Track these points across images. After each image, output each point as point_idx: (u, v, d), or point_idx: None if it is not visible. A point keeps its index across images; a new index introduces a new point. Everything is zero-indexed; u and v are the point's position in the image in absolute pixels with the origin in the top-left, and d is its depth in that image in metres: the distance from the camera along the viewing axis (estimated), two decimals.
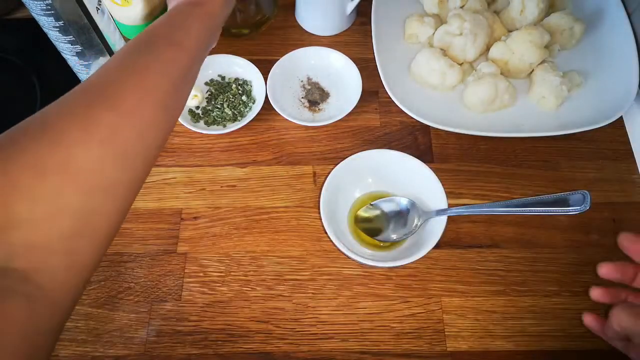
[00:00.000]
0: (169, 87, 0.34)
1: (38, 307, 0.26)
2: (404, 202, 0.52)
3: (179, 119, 0.58)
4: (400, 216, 0.52)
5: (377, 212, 0.53)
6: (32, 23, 0.43)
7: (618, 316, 0.33)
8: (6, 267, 0.25)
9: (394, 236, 0.52)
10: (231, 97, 0.61)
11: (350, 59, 0.61)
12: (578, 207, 0.37)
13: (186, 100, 0.38)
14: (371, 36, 0.63)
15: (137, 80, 0.32)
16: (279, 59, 0.61)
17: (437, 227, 0.49)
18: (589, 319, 0.38)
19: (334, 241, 0.48)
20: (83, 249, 0.28)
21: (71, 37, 0.44)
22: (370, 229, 0.53)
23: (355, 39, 0.67)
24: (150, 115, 0.32)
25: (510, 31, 0.64)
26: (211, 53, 0.61)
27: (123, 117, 0.30)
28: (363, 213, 0.53)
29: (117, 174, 0.30)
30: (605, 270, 0.37)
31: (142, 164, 0.32)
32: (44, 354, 0.26)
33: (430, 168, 0.51)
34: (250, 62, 0.61)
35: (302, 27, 0.68)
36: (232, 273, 0.52)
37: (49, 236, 0.26)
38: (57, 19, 0.41)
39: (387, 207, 0.53)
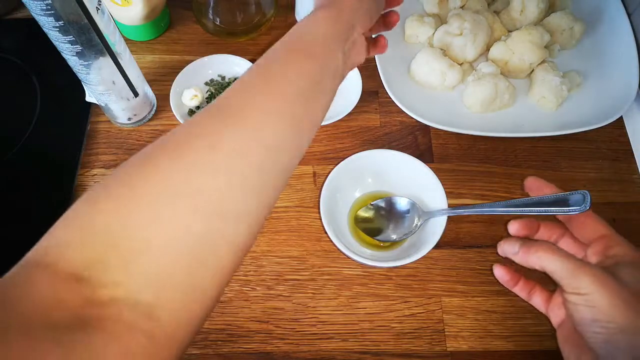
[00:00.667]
0: (295, 96, 0.31)
1: (158, 347, 0.24)
2: (404, 202, 0.52)
3: (179, 119, 0.58)
4: (400, 216, 0.52)
5: (377, 212, 0.53)
6: (32, 23, 0.43)
7: (540, 255, 0.34)
8: (136, 299, 0.23)
9: (394, 236, 0.52)
10: None
11: None
12: (578, 207, 0.37)
13: (321, 116, 0.35)
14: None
15: (260, 93, 0.30)
16: None
17: (437, 227, 0.49)
18: (499, 272, 0.40)
19: (334, 241, 0.48)
20: (204, 281, 0.26)
21: (71, 37, 0.44)
22: (370, 229, 0.53)
23: None
24: (278, 129, 0.30)
25: (510, 31, 0.64)
26: (211, 53, 0.61)
27: (250, 135, 0.28)
28: (363, 213, 0.53)
29: (243, 198, 0.28)
30: (516, 227, 0.39)
31: (269, 188, 0.29)
32: None
33: (430, 168, 0.51)
34: (250, 62, 0.61)
35: None
36: None
37: (173, 264, 0.25)
38: (57, 19, 0.41)
39: (387, 207, 0.53)
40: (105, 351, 0.22)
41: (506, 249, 0.37)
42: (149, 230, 0.25)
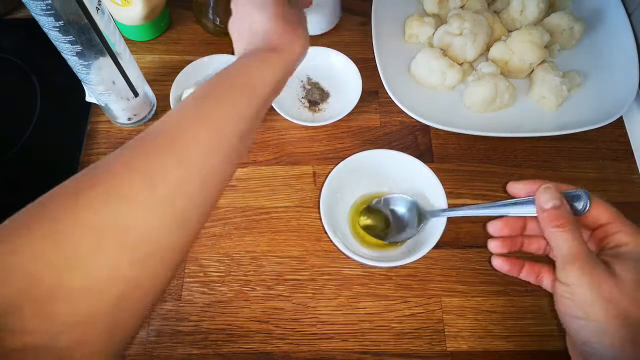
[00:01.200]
0: (237, 136, 0.32)
1: None
2: (404, 202, 0.52)
3: None
4: (401, 216, 0.52)
5: (378, 212, 0.53)
6: (32, 23, 0.43)
7: (557, 231, 0.33)
8: (52, 345, 0.23)
9: (394, 236, 0.52)
10: None
11: (350, 59, 0.61)
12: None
13: (248, 149, 0.35)
14: (371, 36, 0.63)
15: (207, 129, 0.30)
16: None
17: (437, 227, 0.49)
18: (498, 262, 0.39)
19: (334, 241, 0.48)
20: (126, 317, 0.26)
21: (71, 37, 0.44)
22: (371, 228, 0.53)
23: (355, 39, 0.67)
24: (215, 164, 0.30)
25: (510, 31, 0.64)
26: (211, 53, 0.61)
27: (189, 171, 0.28)
28: (364, 213, 0.53)
29: (174, 234, 0.28)
30: (495, 227, 0.39)
31: (197, 222, 0.30)
32: None
33: (430, 168, 0.51)
34: None
35: None
36: (232, 273, 0.52)
37: (96, 307, 0.24)
38: (57, 19, 0.41)
39: (388, 207, 0.53)
40: None
41: (546, 198, 0.34)
42: (71, 272, 0.23)
